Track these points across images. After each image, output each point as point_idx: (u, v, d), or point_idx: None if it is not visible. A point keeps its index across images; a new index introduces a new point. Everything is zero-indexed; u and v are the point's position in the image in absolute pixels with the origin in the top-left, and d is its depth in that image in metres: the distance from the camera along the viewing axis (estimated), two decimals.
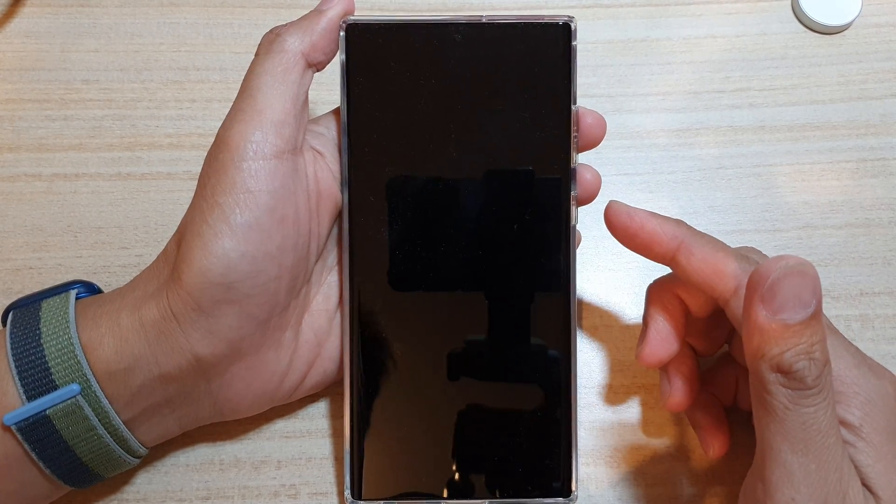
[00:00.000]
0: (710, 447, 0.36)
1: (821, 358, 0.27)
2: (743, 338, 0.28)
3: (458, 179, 0.35)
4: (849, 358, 0.30)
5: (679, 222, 0.33)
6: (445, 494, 0.35)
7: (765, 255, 0.33)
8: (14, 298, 0.35)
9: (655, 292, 0.36)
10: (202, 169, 0.32)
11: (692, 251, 0.32)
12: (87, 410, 0.31)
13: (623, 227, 0.34)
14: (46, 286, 0.36)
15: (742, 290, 0.30)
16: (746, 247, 0.34)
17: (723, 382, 0.37)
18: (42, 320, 0.32)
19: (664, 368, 0.36)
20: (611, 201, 0.34)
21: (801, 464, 0.27)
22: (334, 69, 0.35)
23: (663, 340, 0.35)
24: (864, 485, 0.28)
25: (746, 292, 0.28)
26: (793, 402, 0.27)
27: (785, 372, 0.27)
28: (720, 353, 0.38)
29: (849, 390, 0.29)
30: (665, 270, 0.35)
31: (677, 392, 0.35)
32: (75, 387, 0.30)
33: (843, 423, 0.29)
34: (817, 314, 0.27)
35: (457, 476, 0.35)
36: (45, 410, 0.30)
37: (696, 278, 0.32)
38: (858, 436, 0.29)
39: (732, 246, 0.33)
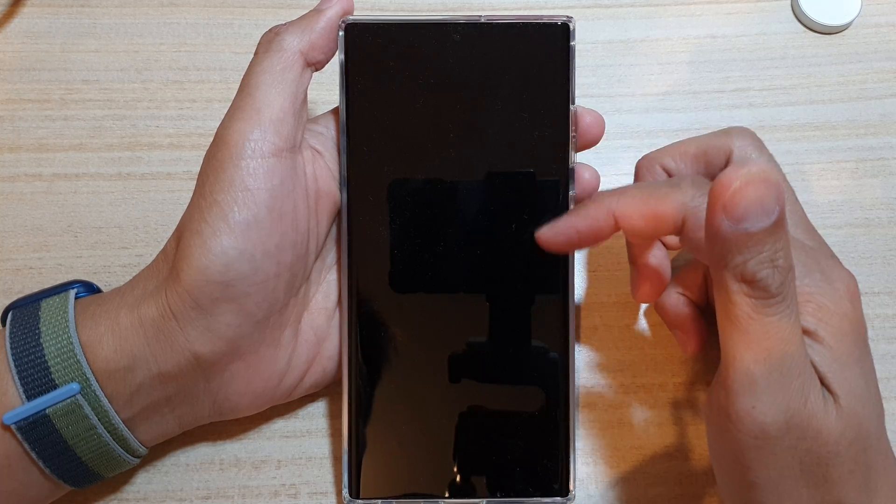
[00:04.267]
0: (685, 344, 0.37)
1: (784, 265, 0.27)
2: (706, 248, 0.28)
3: (456, 179, 0.35)
4: (799, 267, 0.30)
5: (598, 196, 0.32)
6: (443, 494, 0.35)
7: (702, 181, 0.32)
8: (14, 298, 0.35)
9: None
10: (201, 167, 0.32)
11: (626, 215, 0.31)
12: (87, 409, 0.31)
13: (564, 247, 0.33)
14: (46, 286, 0.36)
15: (690, 220, 0.30)
16: (678, 178, 0.33)
17: (693, 283, 0.37)
18: (41, 320, 0.32)
19: (634, 262, 0.37)
20: (537, 236, 0.33)
21: (763, 373, 0.28)
22: (333, 69, 0.35)
23: (654, 282, 0.36)
24: (822, 384, 0.28)
25: (709, 202, 0.28)
26: (756, 311, 0.27)
27: (748, 281, 0.27)
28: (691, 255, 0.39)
29: (800, 298, 0.29)
30: None
31: (645, 284, 0.36)
32: (75, 386, 0.30)
33: None
34: (780, 221, 0.27)
35: (454, 475, 0.35)
36: (44, 409, 0.30)
37: (647, 233, 0.32)
38: (815, 339, 0.29)
39: None
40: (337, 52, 0.34)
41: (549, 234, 0.33)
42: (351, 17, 0.34)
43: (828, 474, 0.28)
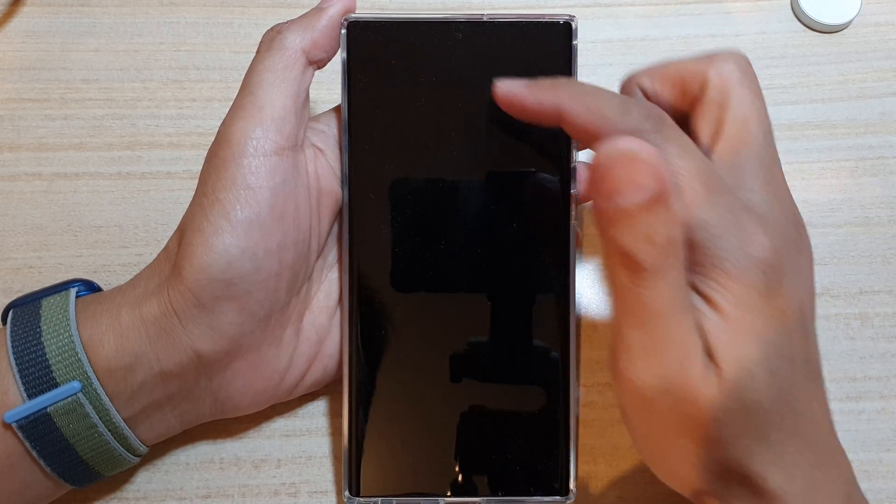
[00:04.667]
0: None
1: (662, 241, 0.26)
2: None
3: (458, 178, 0.35)
4: (716, 227, 0.28)
5: (557, 85, 0.31)
6: (444, 493, 0.35)
7: (658, 115, 0.30)
8: (14, 297, 0.35)
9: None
10: (203, 166, 0.32)
11: (569, 118, 0.30)
12: (88, 408, 0.31)
13: (503, 106, 0.32)
14: (47, 285, 0.36)
15: None
16: (631, 100, 0.31)
17: None
18: (42, 318, 0.32)
19: None
20: (495, 86, 0.32)
21: (639, 339, 0.28)
22: (335, 68, 0.35)
23: None
24: (710, 354, 0.28)
25: (589, 173, 0.27)
26: (631, 283, 0.27)
27: (621, 254, 0.27)
28: None
29: (707, 261, 0.28)
30: None
31: None
32: (76, 384, 0.30)
33: (699, 291, 0.28)
34: (661, 197, 0.26)
35: (455, 474, 0.35)
36: (45, 408, 0.30)
37: (581, 141, 0.31)
38: (712, 306, 0.28)
39: None
40: (339, 51, 0.34)
41: (504, 90, 0.32)
42: (353, 15, 0.34)
43: (710, 435, 0.28)
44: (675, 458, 0.29)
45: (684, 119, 0.33)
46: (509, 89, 0.32)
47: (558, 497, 0.35)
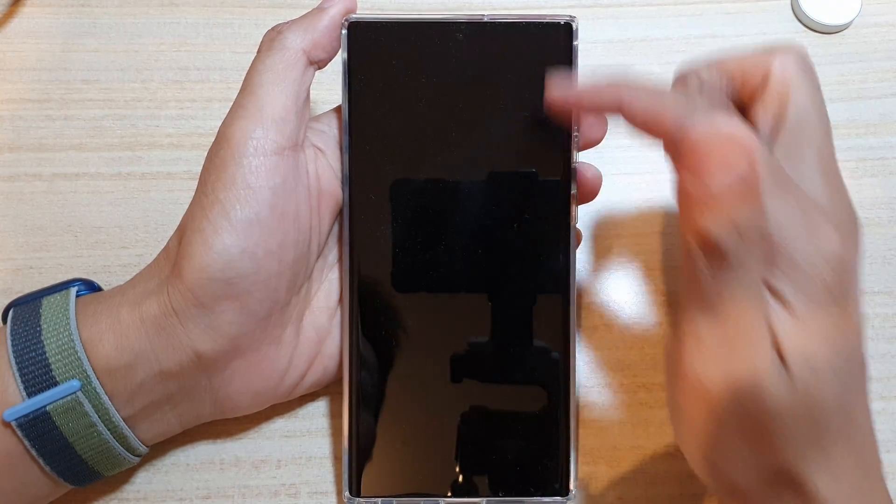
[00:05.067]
0: None
1: (747, 231, 0.26)
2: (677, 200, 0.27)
3: (458, 178, 0.35)
4: (787, 220, 0.27)
5: (616, 81, 0.31)
6: (444, 493, 0.35)
7: (719, 108, 0.30)
8: (14, 297, 0.35)
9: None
10: (203, 166, 0.33)
11: (631, 109, 0.30)
12: (87, 407, 0.31)
13: (562, 106, 0.32)
14: (47, 286, 0.36)
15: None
16: (698, 98, 0.31)
17: None
18: (42, 317, 0.32)
19: None
20: (549, 87, 0.32)
21: (711, 331, 0.27)
22: (335, 69, 0.35)
23: None
24: (779, 353, 0.27)
25: (679, 153, 0.27)
26: (711, 273, 0.26)
27: (705, 240, 0.26)
28: None
29: (778, 255, 0.27)
30: None
31: None
32: (75, 383, 0.30)
33: (767, 285, 0.27)
34: (752, 183, 0.26)
35: (455, 475, 0.35)
36: (45, 406, 0.30)
37: (643, 131, 0.30)
38: (782, 303, 0.27)
39: None
40: (339, 51, 0.34)
41: (558, 91, 0.32)
42: (353, 16, 0.34)
43: (770, 439, 0.27)
44: (725, 458, 0.28)
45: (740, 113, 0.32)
46: (565, 90, 0.32)
47: (558, 497, 0.35)
